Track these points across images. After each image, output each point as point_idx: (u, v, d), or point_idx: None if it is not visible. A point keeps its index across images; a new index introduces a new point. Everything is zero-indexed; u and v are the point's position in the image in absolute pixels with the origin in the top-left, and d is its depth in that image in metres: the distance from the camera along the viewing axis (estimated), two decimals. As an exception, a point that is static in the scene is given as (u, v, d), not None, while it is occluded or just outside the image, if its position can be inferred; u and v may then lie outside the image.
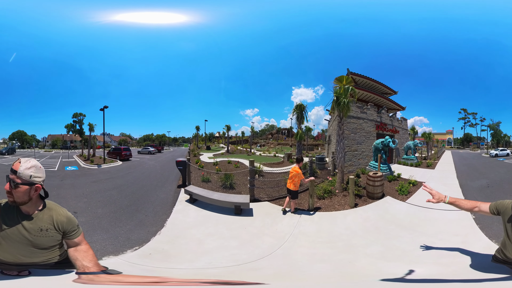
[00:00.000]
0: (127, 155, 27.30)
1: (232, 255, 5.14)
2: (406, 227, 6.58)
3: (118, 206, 8.75)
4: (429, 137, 28.60)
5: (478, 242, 5.07)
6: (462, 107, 51.22)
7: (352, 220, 7.32)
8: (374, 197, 9.28)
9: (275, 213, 8.01)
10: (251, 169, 9.55)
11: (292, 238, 6.06)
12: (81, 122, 31.19)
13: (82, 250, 2.42)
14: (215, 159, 21.44)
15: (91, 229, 6.54)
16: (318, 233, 6.40)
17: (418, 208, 8.08)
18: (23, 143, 60.33)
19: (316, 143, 46.71)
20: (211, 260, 4.81)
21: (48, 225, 2.31)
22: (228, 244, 5.76)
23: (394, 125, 21.64)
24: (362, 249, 5.28)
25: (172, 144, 72.77)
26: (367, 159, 17.99)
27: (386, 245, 5.47)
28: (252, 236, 6.27)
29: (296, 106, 14.69)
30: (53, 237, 2.34)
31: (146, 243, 5.70)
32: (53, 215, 2.37)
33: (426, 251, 4.75)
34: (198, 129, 42.65)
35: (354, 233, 6.37)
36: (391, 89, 24.30)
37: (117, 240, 5.89)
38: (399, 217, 7.46)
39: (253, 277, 3.95)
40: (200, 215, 7.83)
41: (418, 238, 5.60)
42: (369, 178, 9.49)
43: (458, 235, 5.57)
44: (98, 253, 5.05)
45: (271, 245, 5.63)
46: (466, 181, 12.58)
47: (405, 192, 9.83)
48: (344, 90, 10.67)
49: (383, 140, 14.27)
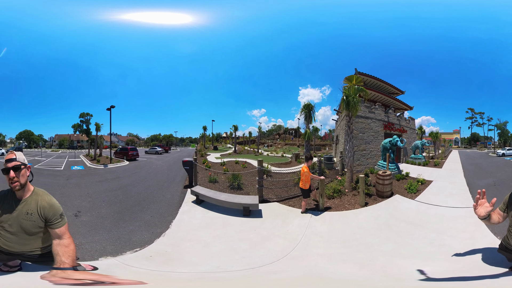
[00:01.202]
0: (134, 155, 27.28)
1: (243, 258, 4.97)
2: (417, 224, 6.64)
3: (123, 206, 8.64)
4: (436, 137, 28.44)
5: (484, 238, 5.13)
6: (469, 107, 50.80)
7: (363, 219, 7.30)
8: (383, 195, 9.31)
9: (285, 214, 7.92)
10: (259, 169, 9.47)
11: (305, 239, 5.97)
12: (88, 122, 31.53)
13: (64, 245, 2.49)
14: (222, 159, 21.44)
15: (93, 229, 6.45)
16: (331, 233, 6.37)
17: (427, 205, 8.17)
18: (30, 143, 60.75)
19: (323, 143, 46.52)
20: (219, 264, 4.64)
21: (33, 209, 2.52)
22: (237, 246, 5.58)
23: (401, 124, 21.52)
24: (377, 247, 5.31)
25: (179, 144, 73.03)
26: (375, 158, 17.94)
27: (399, 242, 5.53)
28: (262, 238, 6.11)
29: (304, 106, 14.69)
30: (35, 222, 2.51)
31: (149, 245, 5.56)
32: (38, 200, 2.57)
33: (438, 247, 4.94)
34: (205, 129, 42.72)
35: (367, 231, 6.38)
36: (398, 89, 24.17)
37: (119, 241, 5.77)
38: (409, 214, 7.51)
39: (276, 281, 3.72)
40: (207, 216, 7.69)
41: (429, 235, 5.78)
42: (379, 176, 9.52)
43: (466, 232, 5.68)
44: (97, 253, 5.05)
45: (284, 247, 5.50)
46: (473, 180, 12.53)
47: (414, 190, 9.87)
48: (354, 89, 10.67)
49: (391, 139, 14.24)
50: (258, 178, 9.42)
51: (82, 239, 5.64)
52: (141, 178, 15.10)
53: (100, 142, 31.67)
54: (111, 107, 24.47)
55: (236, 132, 34.79)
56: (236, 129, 33.73)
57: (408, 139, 21.90)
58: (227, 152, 32.20)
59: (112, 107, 24.52)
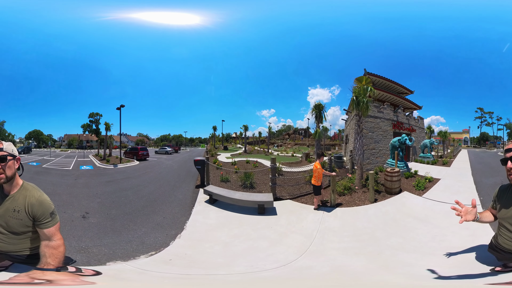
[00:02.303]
0: (144, 154, 27.14)
1: (268, 256, 4.95)
2: (422, 219, 6.92)
3: (133, 207, 8.40)
4: (445, 136, 28.30)
5: (485, 236, 5.26)
6: (479, 106, 50.43)
7: (373, 214, 7.63)
8: (392, 192, 9.60)
9: (298, 210, 8.14)
10: (272, 167, 9.64)
11: (320, 234, 6.19)
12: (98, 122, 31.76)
13: (52, 247, 2.21)
14: (233, 159, 21.63)
15: (102, 231, 6.19)
16: (343, 228, 6.67)
17: (433, 202, 8.46)
18: (39, 143, 60.83)
19: (333, 143, 46.53)
20: (250, 263, 4.52)
21: (21, 206, 2.24)
22: (257, 245, 5.57)
23: (410, 124, 21.57)
24: (384, 241, 5.59)
25: (188, 144, 73.61)
26: (384, 157, 18.11)
27: (404, 236, 5.81)
28: (280, 235, 6.20)
29: (315, 105, 14.93)
30: (22, 220, 2.23)
31: (165, 248, 5.31)
32: (26, 196, 2.28)
33: (439, 242, 5.17)
34: (215, 129, 42.91)
35: (376, 226, 6.71)
36: (407, 88, 24.19)
37: (130, 244, 5.46)
38: (416, 210, 7.83)
39: (315, 276, 3.82)
40: (222, 216, 7.68)
41: (433, 230, 6.02)
42: (387, 173, 9.83)
43: (468, 229, 5.72)
44: (105, 257, 4.77)
45: (302, 243, 5.65)
46: (480, 178, 12.57)
47: (422, 188, 10.15)
48: (363, 90, 10.89)
49: (400, 138, 14.41)
50: (271, 176, 9.58)
51: (89, 243, 5.38)
52: (151, 178, 14.84)
53: (110, 142, 31.98)
54: (121, 106, 24.25)
55: (246, 132, 34.91)
56: (247, 129, 33.91)
57: (417, 138, 21.92)
58: (237, 152, 32.37)
59: (122, 106, 24.31)
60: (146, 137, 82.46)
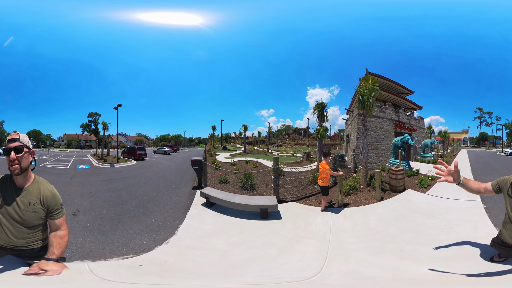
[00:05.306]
0: (141, 154, 27.06)
1: (282, 264, 4.38)
2: (429, 214, 7.14)
3: (125, 207, 8.19)
4: (445, 136, 28.24)
5: (485, 228, 5.72)
6: (478, 106, 50.33)
7: (382, 212, 7.64)
8: (396, 190, 9.72)
9: (304, 213, 7.77)
10: (275, 168, 9.28)
11: (333, 237, 5.82)
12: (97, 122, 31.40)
13: (60, 236, 2.39)
14: (232, 159, 21.40)
15: (89, 229, 6.07)
16: (355, 228, 6.55)
17: (437, 198, 8.65)
18: (38, 143, 60.76)
19: (333, 143, 46.34)
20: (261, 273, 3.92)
21: (36, 199, 2.32)
22: (264, 253, 4.99)
23: (411, 123, 21.66)
24: (400, 237, 5.64)
25: (188, 144, 73.10)
26: (386, 156, 18.21)
27: (416, 231, 5.92)
28: (290, 241, 5.68)
29: (316, 104, 14.76)
30: (38, 213, 2.32)
31: (146, 253, 4.92)
32: (40, 189, 2.38)
33: (447, 235, 5.46)
34: (214, 129, 42.50)
35: (387, 223, 6.77)
36: (407, 88, 24.16)
37: (111, 245, 5.25)
38: (422, 206, 8.00)
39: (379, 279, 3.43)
40: (220, 221, 7.09)
41: (440, 224, 6.30)
42: (392, 172, 9.92)
43: (471, 221, 6.22)
44: (77, 255, 4.68)
45: (317, 248, 5.19)
46: (480, 176, 12.96)
47: (425, 185, 10.33)
48: (369, 89, 10.88)
49: (402, 137, 14.44)
50: (274, 177, 9.20)
51: (72, 239, 5.00)
52: (147, 178, 14.60)
53: (108, 141, 31.67)
54: (118, 105, 24.19)
55: (246, 132, 34.61)
56: (246, 129, 33.47)
57: (417, 138, 21.95)
58: (236, 152, 32.10)
59: (119, 105, 24.25)
60: (145, 137, 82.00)
